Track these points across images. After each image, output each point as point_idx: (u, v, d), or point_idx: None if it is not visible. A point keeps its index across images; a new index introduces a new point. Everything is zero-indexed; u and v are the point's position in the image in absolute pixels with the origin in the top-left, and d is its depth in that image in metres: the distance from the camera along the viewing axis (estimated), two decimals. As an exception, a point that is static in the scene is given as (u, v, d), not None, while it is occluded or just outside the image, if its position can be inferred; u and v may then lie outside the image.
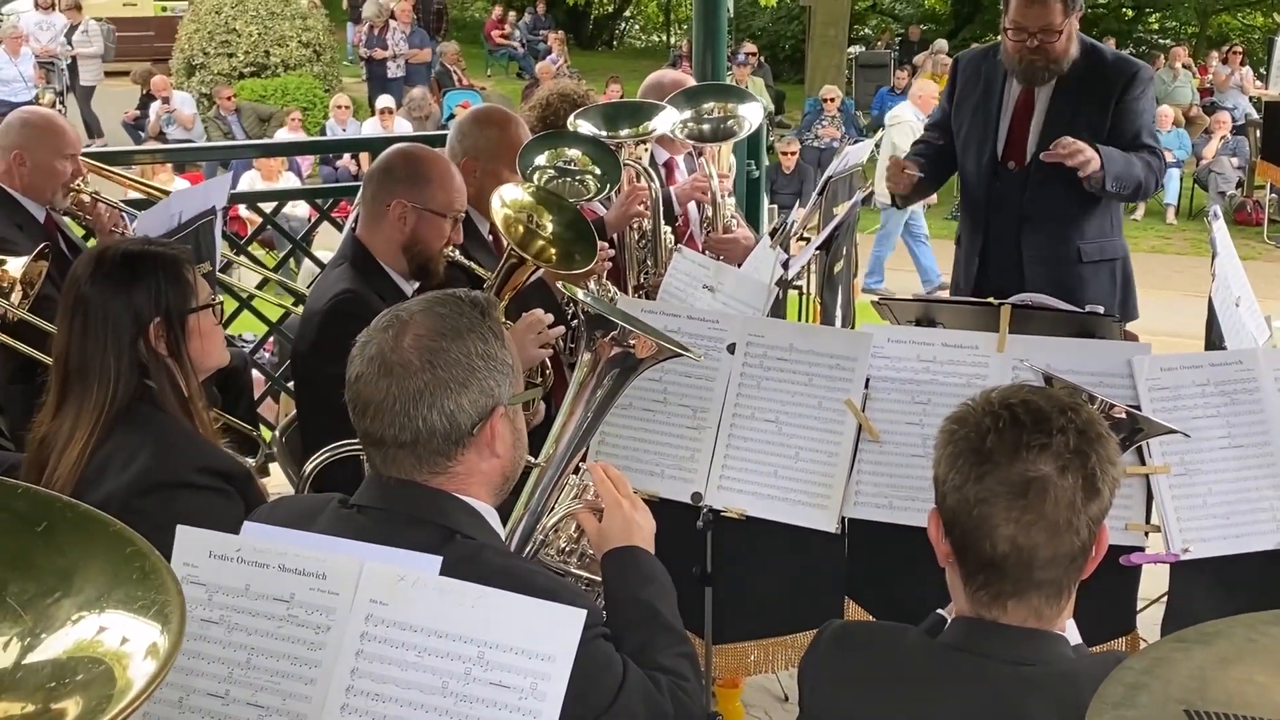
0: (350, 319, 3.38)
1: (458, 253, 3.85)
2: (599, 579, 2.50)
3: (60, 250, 4.46)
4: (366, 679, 1.94)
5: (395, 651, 1.94)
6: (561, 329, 3.55)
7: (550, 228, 3.82)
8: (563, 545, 2.70)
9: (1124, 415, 2.92)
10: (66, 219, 4.83)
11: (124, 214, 4.85)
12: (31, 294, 4.09)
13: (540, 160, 4.31)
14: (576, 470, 2.70)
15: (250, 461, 4.06)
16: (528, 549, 2.63)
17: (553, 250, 3.81)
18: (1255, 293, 3.92)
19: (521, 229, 3.76)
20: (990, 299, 3.72)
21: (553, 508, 2.68)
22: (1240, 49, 21.85)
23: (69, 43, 20.45)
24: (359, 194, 3.93)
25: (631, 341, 2.70)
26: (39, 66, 18.68)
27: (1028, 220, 4.72)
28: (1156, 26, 28.05)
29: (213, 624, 2.01)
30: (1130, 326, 4.57)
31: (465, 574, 1.99)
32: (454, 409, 2.18)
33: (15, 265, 4.09)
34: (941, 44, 21.48)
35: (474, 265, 3.88)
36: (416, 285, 3.76)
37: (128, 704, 0.96)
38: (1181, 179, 16.03)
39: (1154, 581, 3.42)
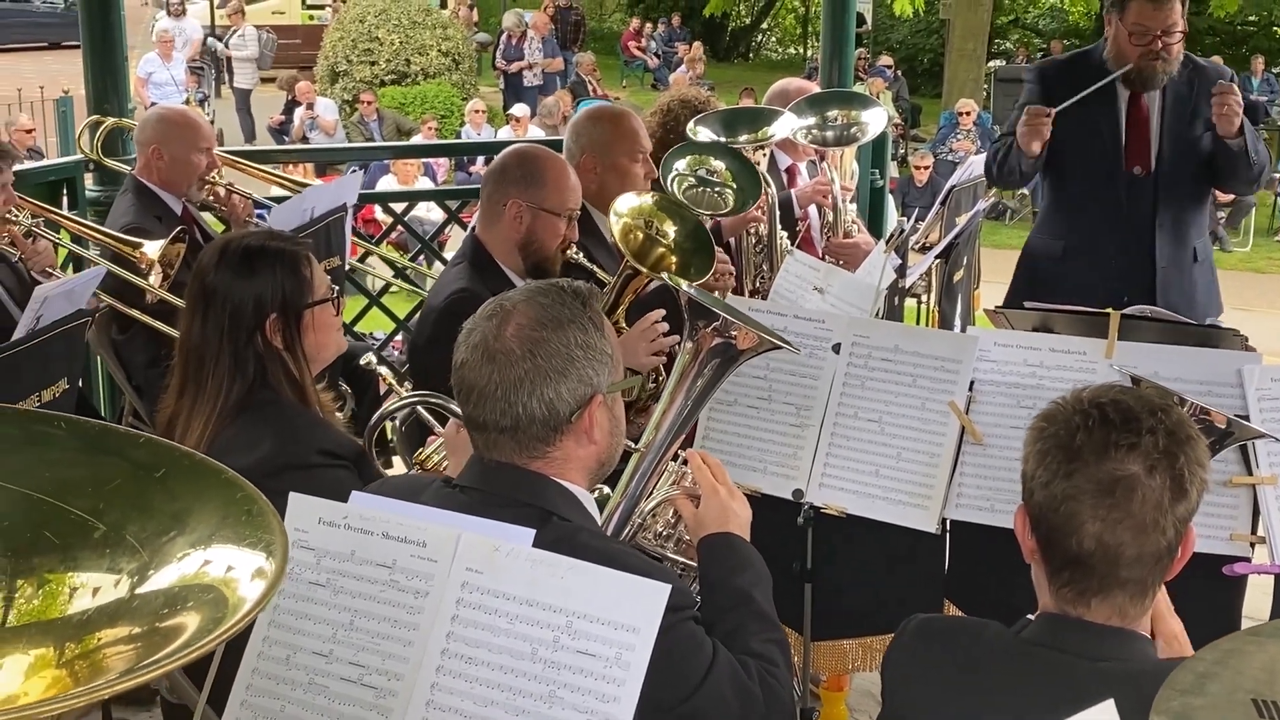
0: (464, 317, 3.48)
1: (581, 255, 3.92)
2: (695, 564, 2.55)
3: (195, 241, 4.60)
4: (461, 643, 2.01)
5: (488, 618, 2.00)
6: (676, 338, 3.51)
7: (671, 236, 3.86)
8: (660, 530, 2.75)
9: (1216, 421, 2.88)
10: (204, 214, 5.01)
11: (258, 207, 5.01)
12: (171, 274, 4.26)
13: (680, 166, 4.33)
14: (676, 457, 2.75)
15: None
16: (625, 531, 2.68)
17: (672, 259, 3.84)
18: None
19: (640, 236, 3.81)
20: (1108, 309, 3.69)
21: (651, 493, 2.72)
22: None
23: (225, 45, 21.07)
24: (480, 194, 4.01)
25: (733, 333, 2.75)
26: (190, 72, 19.25)
27: (1160, 226, 4.68)
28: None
29: (320, 586, 2.09)
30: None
31: (562, 554, 2.04)
32: (553, 397, 2.25)
33: (153, 247, 4.27)
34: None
35: (596, 269, 3.94)
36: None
37: (239, 619, 1.04)
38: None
39: (1264, 601, 3.37)
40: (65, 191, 5.40)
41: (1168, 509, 1.98)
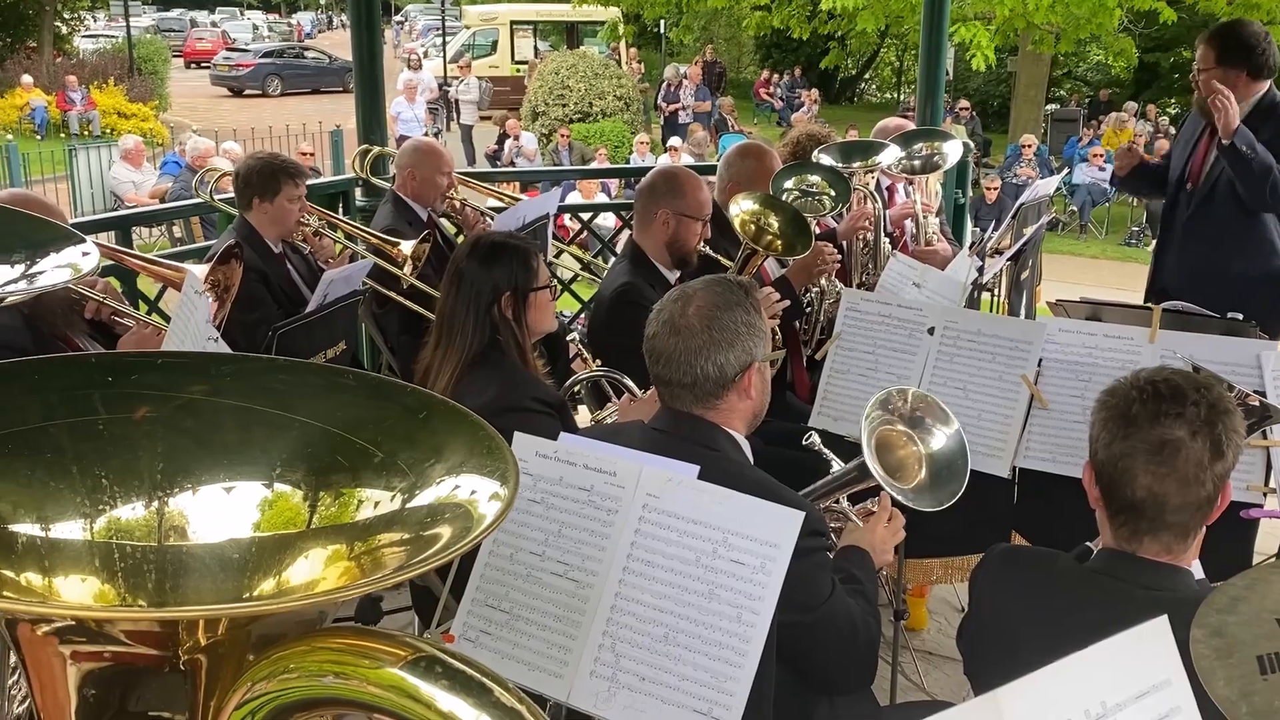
0: (629, 305, 3.50)
1: (708, 248, 3.91)
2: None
3: (437, 241, 4.68)
4: (641, 550, 2.03)
5: (662, 532, 2.02)
6: (787, 302, 3.54)
7: (775, 225, 3.84)
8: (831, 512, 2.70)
9: (1257, 404, 2.77)
10: (443, 220, 5.10)
11: (484, 216, 5.08)
12: (418, 267, 4.34)
13: (788, 184, 4.33)
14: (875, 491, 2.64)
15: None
16: (817, 500, 2.63)
17: (779, 242, 3.83)
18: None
19: (753, 227, 3.80)
20: (1148, 304, 3.57)
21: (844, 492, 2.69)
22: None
23: (454, 91, 21.38)
24: (634, 207, 4.01)
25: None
26: (428, 111, 19.58)
27: (1188, 234, 4.46)
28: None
29: (535, 503, 2.12)
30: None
31: (728, 484, 2.04)
32: (723, 362, 2.25)
33: (407, 246, 4.33)
34: (1130, 105, 20.36)
35: (719, 257, 3.93)
36: (678, 274, 3.83)
37: (483, 530, 1.04)
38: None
39: (1271, 541, 3.24)
40: (341, 201, 5.53)
41: (1207, 466, 1.90)
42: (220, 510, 1.11)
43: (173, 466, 1.13)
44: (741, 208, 3.84)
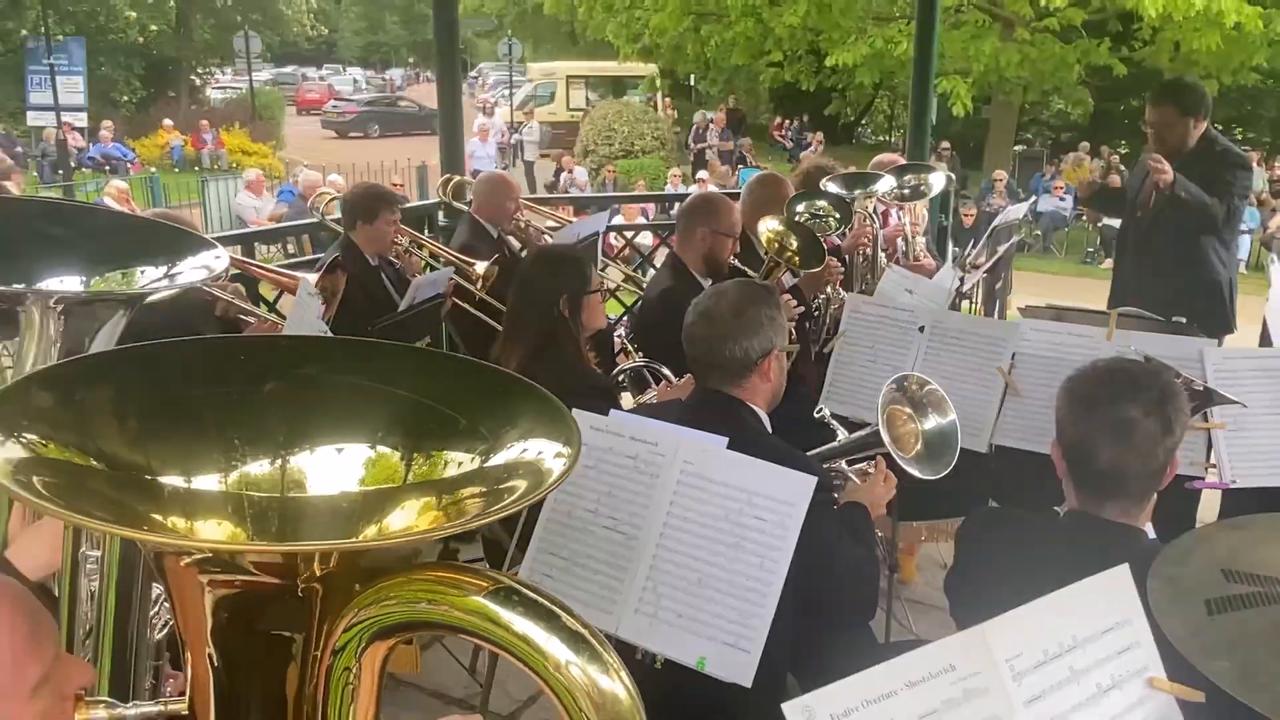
0: (670, 305, 3.48)
1: (736, 260, 3.90)
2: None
3: (505, 255, 4.70)
4: (679, 508, 2.02)
5: (696, 493, 2.01)
6: (802, 308, 3.52)
7: (795, 244, 3.83)
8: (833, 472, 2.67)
9: (1200, 389, 2.72)
10: (510, 238, 5.11)
11: (544, 234, 5.08)
12: (488, 284, 4.35)
13: (800, 207, 4.32)
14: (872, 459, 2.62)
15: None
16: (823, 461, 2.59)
17: (797, 258, 3.82)
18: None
19: (777, 244, 3.79)
20: (1104, 309, 3.51)
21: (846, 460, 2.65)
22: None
23: (519, 133, 21.45)
24: (677, 225, 4.02)
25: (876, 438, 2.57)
26: (498, 149, 19.64)
27: (1137, 252, 4.39)
28: (1240, 136, 25.08)
29: (590, 468, 2.12)
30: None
31: (751, 450, 2.03)
32: (747, 347, 2.25)
33: (481, 266, 4.36)
34: (1084, 145, 20.08)
35: (745, 269, 3.92)
36: (710, 282, 3.81)
37: (550, 484, 1.03)
38: (1252, 242, 14.52)
39: (1209, 512, 3.18)
40: (426, 221, 5.56)
41: (1159, 440, 1.87)
42: (333, 468, 1.11)
43: (293, 431, 1.14)
44: (768, 227, 3.84)
